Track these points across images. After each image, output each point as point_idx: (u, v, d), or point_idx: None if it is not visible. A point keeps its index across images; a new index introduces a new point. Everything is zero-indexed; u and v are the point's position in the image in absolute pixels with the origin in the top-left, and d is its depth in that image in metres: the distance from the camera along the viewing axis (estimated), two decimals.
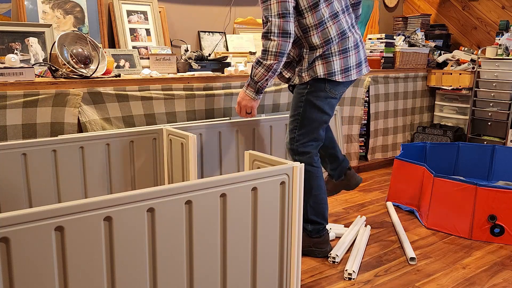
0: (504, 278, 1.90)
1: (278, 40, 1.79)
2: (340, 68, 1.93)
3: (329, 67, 1.91)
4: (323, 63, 1.91)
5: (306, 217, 2.02)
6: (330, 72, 1.91)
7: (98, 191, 1.99)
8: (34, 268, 1.01)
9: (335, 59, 1.92)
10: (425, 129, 3.70)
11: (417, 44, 3.65)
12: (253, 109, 1.99)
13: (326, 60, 1.91)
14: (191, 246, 1.26)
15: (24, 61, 2.35)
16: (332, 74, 1.92)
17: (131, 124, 2.32)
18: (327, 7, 1.87)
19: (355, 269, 1.89)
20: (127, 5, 2.84)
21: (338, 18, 1.90)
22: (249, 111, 2.01)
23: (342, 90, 2.01)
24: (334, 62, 1.91)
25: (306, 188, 1.99)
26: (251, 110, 2.00)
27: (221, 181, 1.28)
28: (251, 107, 1.99)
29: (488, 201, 2.23)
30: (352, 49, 1.95)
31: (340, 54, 1.92)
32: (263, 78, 1.88)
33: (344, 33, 1.92)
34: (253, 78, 1.91)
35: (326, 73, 1.91)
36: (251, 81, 1.93)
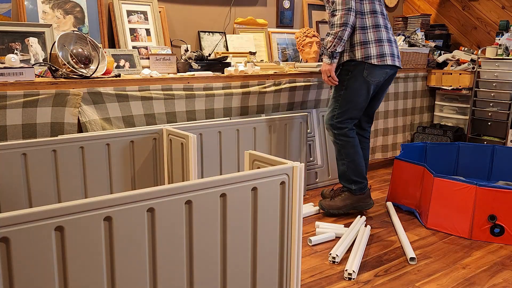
0: (504, 278, 1.91)
1: (341, 13, 2.25)
2: (376, 53, 2.34)
3: (366, 52, 2.33)
4: (361, 48, 2.33)
5: (349, 178, 2.48)
6: (367, 56, 2.33)
7: (98, 191, 1.99)
8: (34, 268, 1.01)
9: (371, 46, 2.34)
10: (425, 129, 3.70)
11: (417, 44, 3.65)
12: (331, 71, 2.36)
13: (364, 46, 2.33)
14: (191, 246, 1.26)
15: (24, 61, 2.35)
16: (369, 57, 2.33)
17: (131, 124, 2.32)
18: (369, 3, 2.35)
19: (355, 269, 1.89)
20: (127, 5, 2.84)
21: (376, 15, 2.36)
22: (329, 74, 2.37)
23: (378, 77, 2.39)
24: (370, 48, 2.33)
25: (345, 154, 2.45)
26: (329, 73, 2.36)
27: (221, 181, 1.28)
28: (329, 70, 2.36)
29: (488, 201, 2.23)
30: (385, 41, 2.36)
31: (375, 42, 2.34)
32: (332, 45, 2.29)
33: (378, 26, 2.35)
34: (325, 46, 2.33)
35: (363, 57, 2.33)
36: (324, 50, 2.35)
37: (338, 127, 2.43)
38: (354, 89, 2.38)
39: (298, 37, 3.28)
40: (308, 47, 3.23)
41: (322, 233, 2.27)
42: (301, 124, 2.70)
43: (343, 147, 2.44)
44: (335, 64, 2.35)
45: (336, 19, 2.27)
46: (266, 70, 2.86)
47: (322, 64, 2.38)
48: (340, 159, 2.49)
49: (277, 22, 3.57)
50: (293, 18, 3.64)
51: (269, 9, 3.52)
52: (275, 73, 2.82)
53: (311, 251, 2.13)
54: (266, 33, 3.43)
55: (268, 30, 3.45)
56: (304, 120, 2.71)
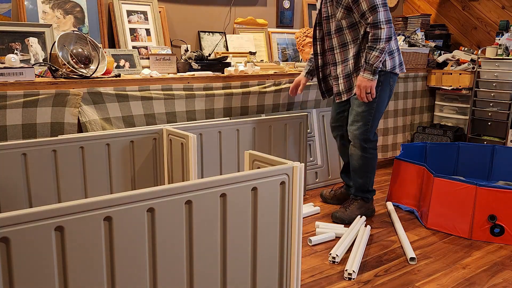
0: (504, 278, 1.90)
1: (386, 28, 2.16)
2: (399, 62, 2.36)
3: (394, 61, 2.32)
4: (390, 58, 2.31)
5: (368, 189, 2.48)
6: (394, 66, 2.33)
7: (98, 191, 1.99)
8: (34, 268, 1.01)
9: (396, 55, 2.34)
10: (425, 129, 3.70)
11: (417, 44, 3.65)
12: (372, 88, 2.25)
13: (392, 56, 2.31)
14: (191, 246, 1.26)
15: (24, 61, 2.35)
16: (395, 67, 2.33)
17: (131, 124, 2.32)
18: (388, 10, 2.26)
19: (355, 269, 1.89)
20: (127, 5, 2.84)
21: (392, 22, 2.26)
22: (369, 91, 2.26)
23: (395, 85, 2.41)
24: (395, 58, 2.33)
25: (371, 167, 2.44)
26: (370, 89, 2.25)
27: (221, 181, 1.28)
28: (370, 87, 2.24)
29: (488, 201, 2.23)
30: (399, 49, 2.38)
31: (397, 51, 2.35)
32: (378, 60, 2.19)
33: (395, 34, 2.31)
34: (368, 62, 2.21)
35: (391, 67, 2.31)
36: (366, 66, 2.22)
37: (371, 140, 2.40)
38: (383, 100, 2.36)
39: (298, 37, 3.28)
40: (308, 47, 3.23)
41: (322, 233, 2.27)
42: (301, 124, 2.70)
43: (372, 159, 2.42)
44: (376, 80, 2.25)
45: (381, 33, 2.15)
46: (266, 70, 2.86)
47: (361, 79, 2.24)
48: (362, 172, 2.43)
49: (277, 22, 3.57)
50: (293, 18, 3.64)
51: (269, 9, 3.52)
52: (275, 73, 2.82)
53: (311, 251, 2.13)
54: (266, 33, 3.43)
55: (268, 30, 3.45)
56: (304, 120, 2.71)
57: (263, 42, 3.41)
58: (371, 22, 2.17)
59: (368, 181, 2.47)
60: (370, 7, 2.16)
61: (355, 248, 2.08)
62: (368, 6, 2.16)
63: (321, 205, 2.71)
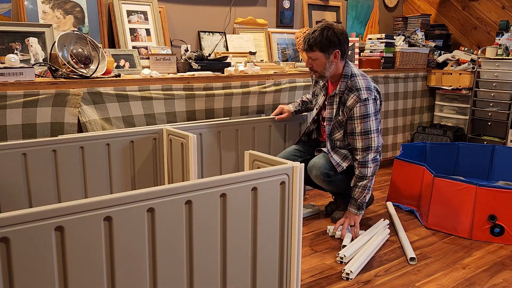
0: (504, 278, 1.90)
1: (372, 167, 2.24)
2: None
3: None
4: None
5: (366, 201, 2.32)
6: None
7: (98, 191, 1.99)
8: (34, 268, 1.01)
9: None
10: (425, 129, 3.70)
11: (417, 44, 3.65)
12: (356, 222, 2.28)
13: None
14: (191, 246, 1.26)
15: (24, 61, 2.35)
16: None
17: (131, 124, 2.32)
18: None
19: (353, 269, 1.88)
20: (127, 5, 2.84)
21: None
22: (353, 224, 2.28)
23: None
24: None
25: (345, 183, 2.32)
26: (355, 223, 2.28)
27: (221, 181, 1.28)
28: (355, 221, 2.28)
29: (488, 201, 2.23)
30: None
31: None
32: (362, 196, 2.26)
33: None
34: (354, 197, 2.27)
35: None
36: (352, 201, 2.28)
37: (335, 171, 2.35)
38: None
39: (298, 37, 3.28)
40: None
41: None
42: (301, 124, 2.70)
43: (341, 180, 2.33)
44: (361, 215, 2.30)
45: (367, 171, 2.21)
46: (266, 70, 2.86)
47: (347, 213, 2.27)
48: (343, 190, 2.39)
49: (277, 22, 3.57)
50: (293, 18, 3.64)
51: (269, 9, 3.52)
52: (275, 73, 2.82)
53: (311, 251, 2.13)
54: (266, 33, 3.43)
55: (268, 30, 3.45)
56: (304, 120, 2.71)
57: (263, 42, 3.41)
58: (360, 160, 2.23)
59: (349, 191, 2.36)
60: (364, 147, 2.23)
61: (362, 249, 2.07)
62: (362, 146, 2.23)
63: (321, 205, 2.71)
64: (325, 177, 2.26)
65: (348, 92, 2.23)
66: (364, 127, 2.21)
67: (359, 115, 2.20)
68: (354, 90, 2.21)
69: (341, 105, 2.26)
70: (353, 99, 2.20)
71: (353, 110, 2.20)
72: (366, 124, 2.21)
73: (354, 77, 2.25)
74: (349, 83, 2.24)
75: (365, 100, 2.19)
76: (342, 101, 2.26)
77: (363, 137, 2.22)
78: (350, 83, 2.24)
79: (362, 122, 2.21)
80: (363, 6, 4.08)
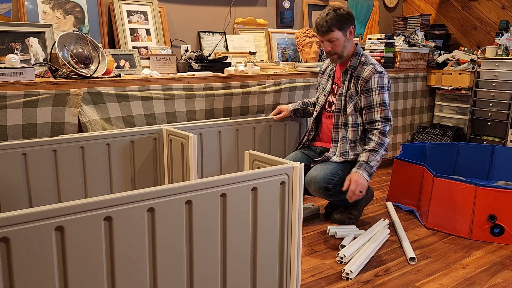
0: (504, 278, 1.91)
1: (388, 138, 2.28)
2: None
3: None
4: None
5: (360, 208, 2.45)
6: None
7: (98, 191, 1.99)
8: (34, 268, 1.01)
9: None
10: (425, 129, 3.70)
11: (417, 44, 3.65)
12: (364, 189, 2.21)
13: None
14: (191, 246, 1.26)
15: (24, 61, 2.35)
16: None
17: (131, 124, 2.32)
18: None
19: (353, 269, 1.89)
20: (127, 5, 2.84)
21: None
22: (362, 191, 2.20)
23: None
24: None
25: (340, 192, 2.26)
26: (363, 188, 2.21)
27: (221, 181, 1.28)
28: (364, 187, 2.20)
29: (488, 201, 2.23)
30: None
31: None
32: (377, 165, 2.25)
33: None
34: (369, 163, 2.21)
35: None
36: (366, 166, 2.20)
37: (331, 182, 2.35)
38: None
39: (298, 37, 3.28)
40: (308, 47, 3.23)
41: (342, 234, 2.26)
42: (301, 124, 2.70)
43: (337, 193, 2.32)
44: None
45: (386, 141, 2.24)
46: (266, 70, 2.86)
47: (358, 176, 2.18)
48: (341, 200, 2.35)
49: (277, 22, 3.57)
50: (293, 18, 3.64)
51: (269, 9, 3.52)
52: (275, 73, 2.82)
53: (311, 251, 2.13)
54: (266, 33, 3.43)
55: (268, 30, 3.45)
56: (304, 121, 2.71)
57: (263, 42, 3.41)
58: (381, 129, 2.24)
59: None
60: (384, 117, 2.25)
61: (362, 249, 2.08)
62: (382, 117, 2.25)
63: (321, 205, 2.71)
64: (325, 190, 2.25)
65: (362, 66, 2.30)
66: (382, 98, 2.24)
67: (377, 86, 2.24)
68: (369, 63, 2.29)
69: (354, 79, 2.30)
70: (369, 70, 2.26)
71: (370, 82, 2.24)
72: (383, 96, 2.24)
73: (366, 55, 2.34)
74: (362, 59, 2.31)
75: (381, 72, 2.26)
76: (355, 75, 2.30)
77: (383, 108, 2.24)
78: (363, 59, 2.31)
79: (380, 93, 2.24)
80: (363, 6, 4.08)
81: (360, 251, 2.06)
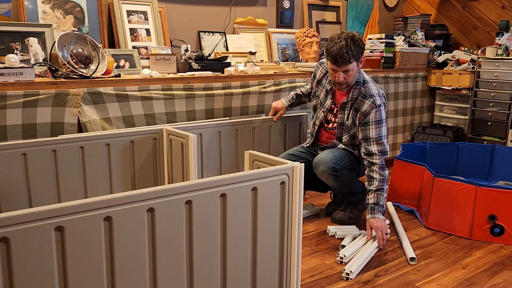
0: (504, 278, 1.90)
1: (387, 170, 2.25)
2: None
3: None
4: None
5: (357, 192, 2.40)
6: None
7: (98, 191, 1.99)
8: (34, 268, 1.01)
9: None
10: (425, 129, 3.70)
11: (417, 44, 3.64)
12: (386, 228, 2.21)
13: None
14: (191, 246, 1.26)
15: (24, 61, 2.35)
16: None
17: (131, 124, 2.32)
18: None
19: (353, 269, 1.88)
20: (127, 5, 2.84)
21: None
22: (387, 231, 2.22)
23: None
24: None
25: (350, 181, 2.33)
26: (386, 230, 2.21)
27: (221, 181, 1.28)
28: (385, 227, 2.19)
29: (488, 201, 2.23)
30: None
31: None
32: (385, 200, 2.25)
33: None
34: (380, 203, 2.20)
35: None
36: (379, 207, 2.19)
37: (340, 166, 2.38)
38: None
39: (298, 37, 3.28)
40: (308, 47, 3.23)
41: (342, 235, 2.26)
42: (301, 124, 2.70)
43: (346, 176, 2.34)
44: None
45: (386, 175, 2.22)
46: (266, 70, 2.86)
47: (378, 221, 2.15)
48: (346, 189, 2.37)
49: (277, 22, 3.57)
50: (293, 18, 3.64)
51: (269, 9, 3.52)
52: (275, 73, 2.82)
53: (311, 251, 2.13)
54: (266, 33, 3.43)
55: (268, 30, 3.45)
56: (304, 120, 2.71)
57: (263, 42, 3.41)
58: (379, 164, 2.22)
59: (354, 189, 2.40)
60: (381, 151, 2.23)
61: (361, 249, 2.07)
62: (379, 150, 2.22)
63: (321, 205, 2.71)
64: (333, 171, 2.26)
65: (361, 98, 2.26)
66: (379, 132, 2.24)
67: (375, 121, 2.24)
68: (368, 96, 2.25)
69: (353, 111, 2.29)
70: (368, 104, 2.24)
71: (369, 116, 2.23)
72: (380, 130, 2.24)
73: (367, 83, 2.29)
74: (362, 90, 2.27)
75: (379, 106, 2.24)
76: (355, 107, 2.28)
77: (379, 141, 2.23)
78: (363, 89, 2.27)
79: (377, 127, 2.24)
80: (363, 6, 4.08)
81: (360, 251, 2.06)
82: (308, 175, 2.36)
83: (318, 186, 2.52)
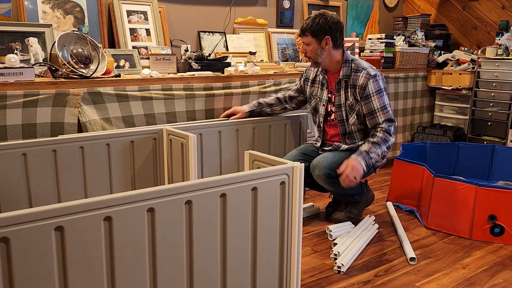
0: (504, 278, 1.90)
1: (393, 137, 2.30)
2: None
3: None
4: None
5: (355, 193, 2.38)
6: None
7: (98, 191, 1.99)
8: (34, 268, 1.01)
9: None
10: (425, 129, 3.70)
11: (417, 44, 3.64)
12: (359, 177, 2.20)
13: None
14: (191, 246, 1.26)
15: (24, 61, 2.35)
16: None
17: (131, 124, 2.32)
18: None
19: (345, 262, 1.90)
20: (127, 5, 2.84)
21: None
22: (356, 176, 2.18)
23: None
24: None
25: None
26: (359, 177, 2.20)
27: (221, 181, 1.28)
28: (360, 175, 2.19)
29: (488, 201, 2.23)
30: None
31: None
32: (377, 159, 2.25)
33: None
34: (369, 154, 2.20)
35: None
36: (366, 156, 2.19)
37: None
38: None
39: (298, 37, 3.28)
40: None
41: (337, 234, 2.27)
42: (301, 124, 2.70)
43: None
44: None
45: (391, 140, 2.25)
46: (266, 70, 2.86)
47: (355, 162, 2.15)
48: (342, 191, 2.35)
49: (277, 22, 3.57)
50: (293, 18, 3.64)
51: (269, 9, 3.52)
52: (275, 73, 2.82)
53: (311, 251, 2.13)
54: (266, 33, 3.43)
55: (268, 30, 3.45)
56: (304, 120, 2.71)
57: (263, 42, 3.41)
58: (386, 128, 2.24)
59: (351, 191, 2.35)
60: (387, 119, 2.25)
61: (353, 244, 2.09)
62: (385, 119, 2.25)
63: (321, 205, 2.71)
64: (327, 177, 2.26)
65: (355, 73, 2.28)
66: (382, 102, 2.25)
67: (374, 91, 2.24)
68: (361, 69, 2.27)
69: (350, 88, 2.29)
70: (363, 76, 2.25)
71: (367, 88, 2.24)
72: (382, 99, 2.25)
73: (356, 60, 2.33)
74: (353, 66, 2.30)
75: (375, 76, 2.26)
76: (350, 84, 2.29)
77: (384, 111, 2.25)
78: (354, 65, 2.30)
79: (379, 97, 2.25)
80: (363, 6, 4.08)
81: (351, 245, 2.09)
82: (310, 175, 2.36)
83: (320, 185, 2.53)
